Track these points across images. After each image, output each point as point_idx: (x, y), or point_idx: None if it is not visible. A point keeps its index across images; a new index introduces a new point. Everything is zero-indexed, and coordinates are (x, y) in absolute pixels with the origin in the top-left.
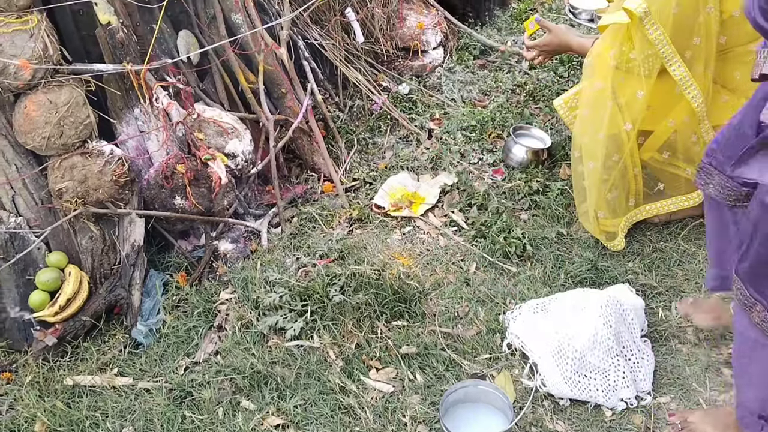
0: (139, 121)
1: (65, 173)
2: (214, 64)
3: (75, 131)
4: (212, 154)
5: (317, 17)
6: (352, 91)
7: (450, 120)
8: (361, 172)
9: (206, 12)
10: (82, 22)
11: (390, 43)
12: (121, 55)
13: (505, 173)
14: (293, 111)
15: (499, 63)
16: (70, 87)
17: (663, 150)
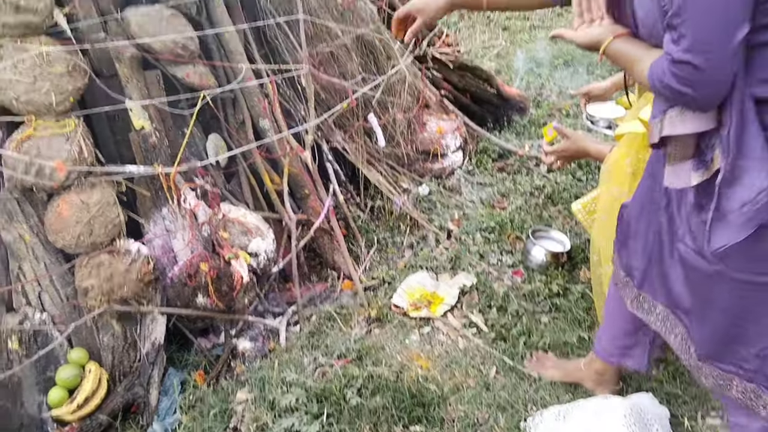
0: (166, 221)
1: (92, 271)
2: (241, 167)
3: (104, 230)
4: (235, 253)
5: (341, 122)
6: (373, 192)
7: (469, 221)
8: (381, 271)
9: (236, 117)
10: (117, 126)
11: (411, 146)
12: (153, 157)
13: (525, 275)
14: (315, 211)
15: (518, 166)
16: (102, 187)
17: None
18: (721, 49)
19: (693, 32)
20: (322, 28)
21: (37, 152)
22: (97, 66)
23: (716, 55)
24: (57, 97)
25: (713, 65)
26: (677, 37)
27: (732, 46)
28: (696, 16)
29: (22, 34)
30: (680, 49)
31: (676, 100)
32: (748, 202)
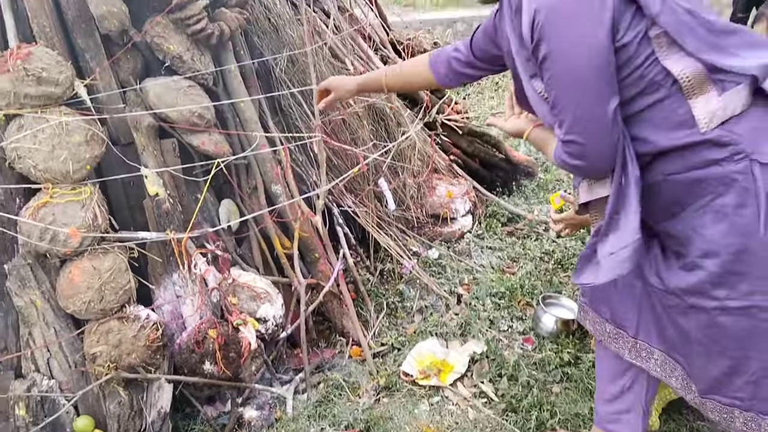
0: (176, 286)
1: (101, 337)
2: (252, 231)
3: (115, 296)
4: (244, 319)
5: (352, 186)
6: (382, 255)
7: (479, 286)
8: (390, 337)
9: (248, 183)
10: (131, 192)
11: (420, 210)
12: (165, 223)
13: (536, 342)
14: (325, 275)
15: (527, 231)
16: (114, 254)
17: None
18: (596, 124)
19: (569, 116)
20: None
21: (53, 219)
22: (114, 134)
23: (593, 130)
24: (74, 165)
25: (593, 138)
26: (560, 123)
27: (606, 120)
28: (569, 104)
29: (43, 104)
30: (563, 131)
31: (577, 172)
32: (613, 252)
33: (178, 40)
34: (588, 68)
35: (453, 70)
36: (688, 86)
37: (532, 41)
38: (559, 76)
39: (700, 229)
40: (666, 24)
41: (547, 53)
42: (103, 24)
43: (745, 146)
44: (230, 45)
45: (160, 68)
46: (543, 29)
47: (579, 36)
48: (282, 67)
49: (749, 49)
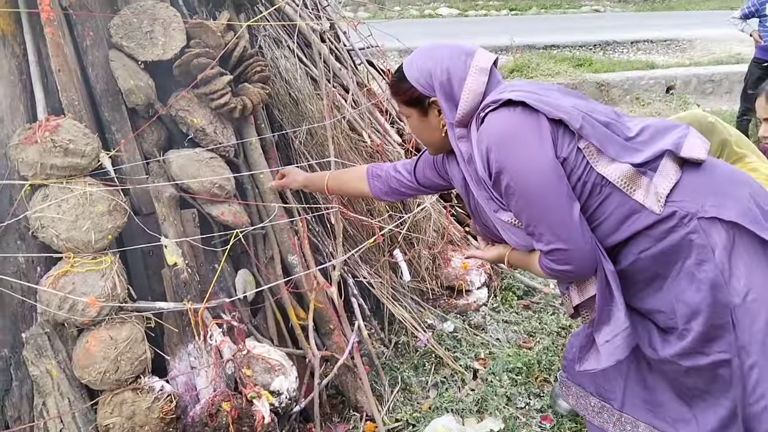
0: (191, 357)
1: (114, 409)
2: (268, 302)
3: (130, 367)
4: (258, 392)
5: (367, 257)
6: (397, 328)
7: (495, 360)
8: (404, 413)
9: (265, 253)
10: (150, 261)
11: (435, 282)
12: (183, 293)
13: (554, 421)
14: (339, 347)
15: (543, 304)
16: (132, 324)
17: None
18: (570, 229)
19: (545, 229)
20: None
21: (72, 288)
22: (136, 205)
23: (569, 234)
24: (96, 235)
25: (571, 241)
26: (538, 237)
27: (576, 223)
28: (541, 219)
29: (69, 175)
30: (543, 243)
31: (566, 277)
32: (608, 340)
33: (202, 114)
34: (546, 183)
35: (392, 188)
36: (623, 185)
37: (491, 178)
38: (523, 197)
39: (681, 295)
40: (588, 136)
41: (508, 181)
42: (130, 98)
43: (689, 208)
44: (252, 118)
45: (184, 140)
46: (498, 163)
47: (530, 157)
48: (301, 139)
49: (660, 136)
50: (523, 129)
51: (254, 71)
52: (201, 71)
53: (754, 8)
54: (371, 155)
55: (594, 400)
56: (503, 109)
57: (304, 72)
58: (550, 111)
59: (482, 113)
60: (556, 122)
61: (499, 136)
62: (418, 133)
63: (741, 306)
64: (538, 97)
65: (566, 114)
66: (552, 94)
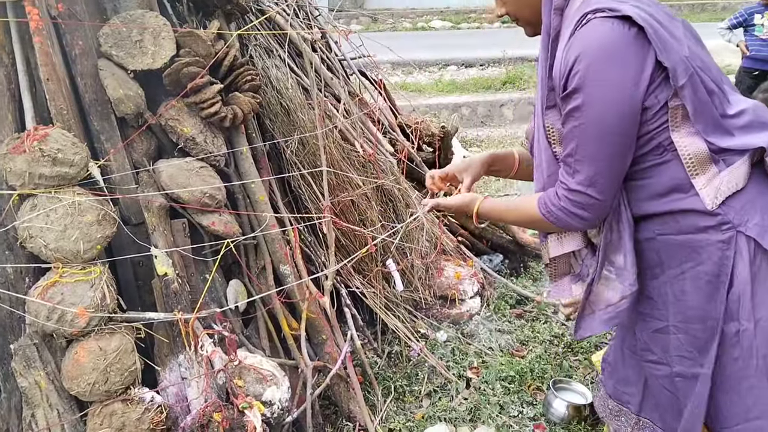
0: (182, 368)
1: (104, 420)
2: (259, 312)
3: (120, 378)
4: (250, 403)
5: (360, 267)
6: (390, 337)
7: (488, 369)
8: (398, 422)
9: (257, 263)
10: (140, 272)
11: (428, 291)
12: (173, 303)
13: (547, 428)
14: (332, 357)
15: (536, 313)
16: (121, 334)
17: None
18: (613, 181)
19: (589, 170)
20: (343, 178)
21: (61, 299)
22: (125, 214)
23: (608, 186)
24: (85, 245)
25: (606, 193)
26: (573, 171)
27: (618, 179)
28: (592, 158)
29: (57, 185)
30: (575, 181)
31: (564, 222)
32: (612, 304)
33: (192, 123)
34: (619, 127)
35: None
36: (689, 164)
37: (565, 86)
38: (587, 128)
39: (681, 295)
40: (685, 98)
41: (581, 103)
42: (120, 107)
43: (734, 217)
44: (242, 127)
45: (174, 150)
46: (582, 79)
47: (619, 91)
48: (293, 149)
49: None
50: (626, 55)
51: (245, 80)
52: (191, 80)
53: (742, 18)
54: (363, 165)
55: (612, 403)
56: (616, 23)
57: (295, 81)
58: (663, 53)
59: (591, 14)
60: (661, 66)
61: (597, 49)
62: (516, 5)
63: (749, 330)
64: (657, 28)
65: (675, 64)
66: (676, 31)
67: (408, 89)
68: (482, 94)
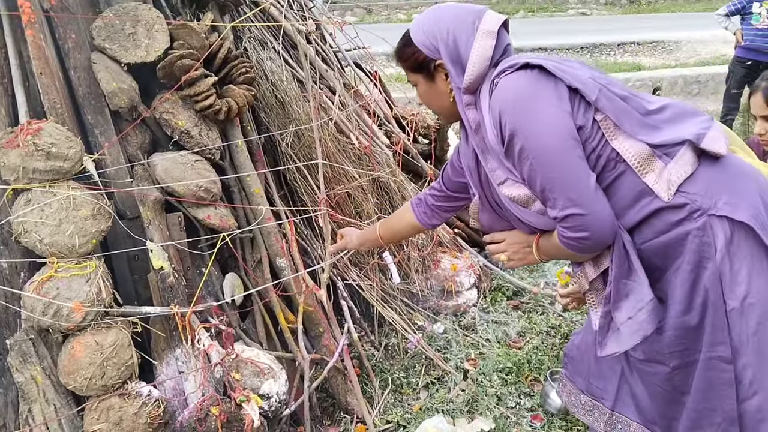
0: (179, 362)
1: (101, 415)
2: (256, 305)
3: (117, 372)
4: (247, 396)
5: (356, 260)
6: (387, 330)
7: (485, 361)
8: (395, 414)
9: (253, 256)
10: (136, 266)
11: (425, 283)
12: (169, 297)
13: (544, 420)
14: (329, 350)
15: (533, 304)
16: (118, 329)
17: None
18: (586, 193)
19: (559, 191)
20: (339, 171)
21: (57, 293)
22: (120, 208)
23: (585, 198)
24: (80, 240)
25: (587, 204)
26: (552, 202)
27: (592, 189)
28: (555, 181)
29: (52, 179)
30: (558, 209)
31: (581, 247)
32: (631, 316)
33: (187, 116)
34: (563, 146)
35: (431, 206)
36: (636, 165)
37: (504, 143)
38: (537, 159)
39: (673, 290)
40: (605, 109)
41: (522, 144)
42: (113, 100)
43: (702, 203)
44: (237, 120)
45: (168, 143)
46: (512, 125)
47: (546, 117)
48: (288, 141)
49: (680, 120)
50: (539, 90)
51: (239, 73)
52: (185, 73)
53: (740, 5)
54: (359, 157)
55: (585, 398)
56: (520, 72)
57: (290, 74)
58: (567, 78)
59: (497, 78)
60: (573, 90)
61: (514, 98)
62: (426, 101)
63: (737, 309)
64: (555, 65)
65: (582, 84)
66: (571, 63)
67: (403, 81)
68: None
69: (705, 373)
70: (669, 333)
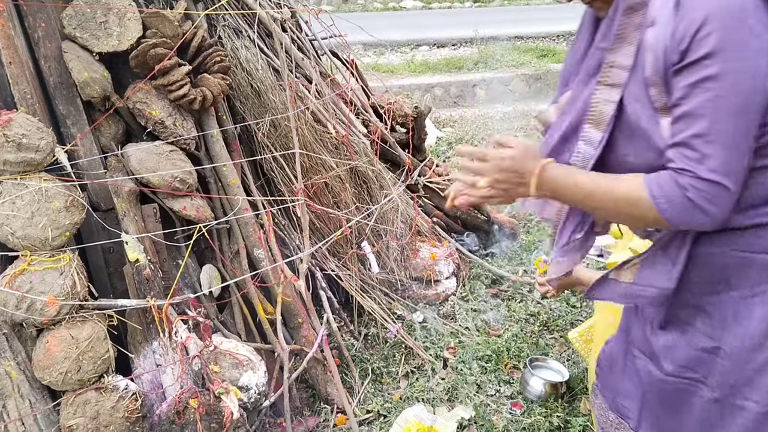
0: (156, 355)
1: (78, 409)
2: (234, 297)
3: (93, 366)
4: (226, 388)
5: (335, 250)
6: (366, 320)
7: (465, 349)
8: (375, 404)
9: (230, 247)
10: (111, 258)
11: (404, 273)
12: (146, 290)
13: (524, 407)
14: (308, 340)
15: (512, 292)
16: (93, 322)
17: None
18: (742, 166)
19: (724, 151)
20: (316, 161)
21: (30, 287)
22: (94, 200)
23: (740, 171)
24: (53, 232)
25: (737, 182)
26: (700, 157)
27: (746, 163)
28: (728, 136)
29: (23, 171)
30: (704, 168)
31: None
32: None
33: (161, 106)
34: (756, 96)
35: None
36: None
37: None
38: (722, 100)
39: (744, 320)
40: None
41: (716, 71)
42: (85, 90)
43: None
44: (212, 110)
45: (142, 133)
46: (715, 42)
47: (758, 55)
48: (264, 131)
49: None
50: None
51: (214, 61)
52: (158, 62)
53: None
54: (336, 147)
55: (612, 415)
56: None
57: (265, 62)
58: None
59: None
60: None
61: (728, 6)
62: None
63: None
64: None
65: None
66: None
67: (380, 70)
68: (454, 74)
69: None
70: (722, 362)
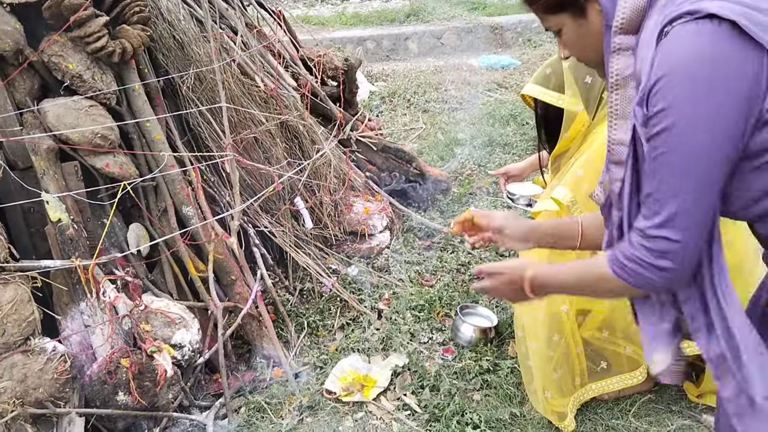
0: (84, 316)
1: (5, 372)
2: (164, 256)
3: (18, 329)
4: (158, 346)
5: (267, 206)
6: (301, 275)
7: (399, 300)
8: (312, 356)
9: (158, 205)
10: (32, 219)
11: (338, 227)
12: (70, 250)
13: (456, 352)
14: (243, 297)
15: (444, 244)
16: (16, 284)
17: (602, 328)
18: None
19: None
20: (245, 115)
21: None
22: (11, 159)
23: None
24: None
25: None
26: (651, 214)
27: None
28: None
29: None
30: (655, 224)
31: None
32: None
33: (78, 59)
34: (713, 154)
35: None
36: None
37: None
38: (673, 157)
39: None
40: None
41: (668, 125)
42: None
43: None
44: (133, 63)
45: (59, 88)
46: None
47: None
48: (189, 85)
49: None
50: (723, 64)
51: (132, 12)
52: (74, 13)
53: None
54: (265, 101)
55: None
56: (704, 23)
57: (187, 12)
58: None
59: (668, 26)
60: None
61: (688, 63)
62: (578, 49)
63: None
64: (753, 16)
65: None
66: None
67: (311, 22)
68: (386, 27)
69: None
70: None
